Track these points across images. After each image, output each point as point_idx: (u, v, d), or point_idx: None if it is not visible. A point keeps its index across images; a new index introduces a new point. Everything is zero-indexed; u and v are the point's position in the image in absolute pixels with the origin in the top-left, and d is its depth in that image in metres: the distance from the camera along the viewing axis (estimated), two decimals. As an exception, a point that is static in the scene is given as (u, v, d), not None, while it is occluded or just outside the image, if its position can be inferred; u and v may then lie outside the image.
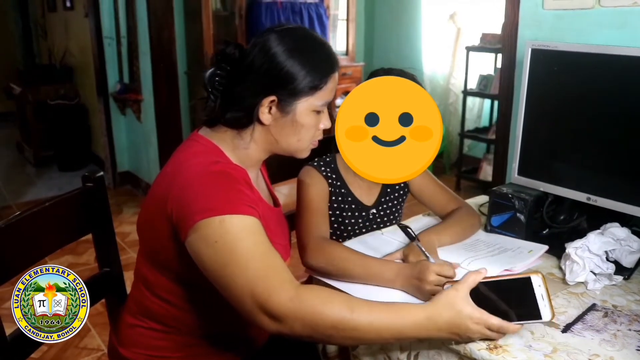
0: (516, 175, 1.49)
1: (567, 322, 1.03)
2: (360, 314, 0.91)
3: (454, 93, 4.66)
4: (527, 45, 1.41)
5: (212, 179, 1.00)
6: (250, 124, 1.11)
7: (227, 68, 1.10)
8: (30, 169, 5.07)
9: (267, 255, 0.96)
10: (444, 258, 1.26)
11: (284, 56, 1.06)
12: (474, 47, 4.18)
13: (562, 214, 1.43)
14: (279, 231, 1.22)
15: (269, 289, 0.91)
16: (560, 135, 1.41)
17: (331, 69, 1.11)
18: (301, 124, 1.11)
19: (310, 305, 0.91)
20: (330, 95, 1.13)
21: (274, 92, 1.07)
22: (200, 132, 1.15)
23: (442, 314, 0.93)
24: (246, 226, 0.96)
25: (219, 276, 0.96)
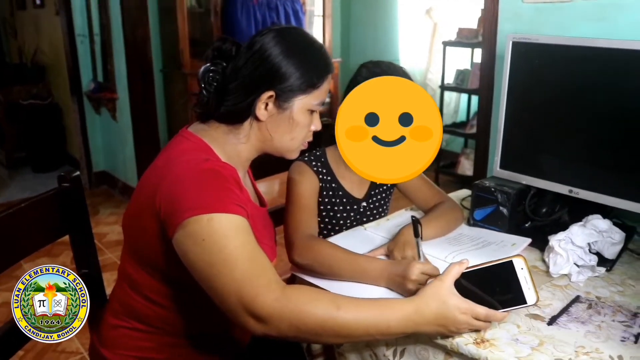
0: (498, 169, 1.49)
1: (552, 314, 1.04)
2: (346, 312, 0.91)
3: (431, 88, 4.68)
4: (507, 39, 1.42)
5: (202, 177, 0.99)
6: (245, 119, 1.11)
7: (223, 64, 1.11)
8: (3, 170, 4.95)
9: (253, 255, 0.95)
10: (428, 252, 1.26)
11: (282, 56, 1.07)
12: (451, 42, 4.20)
13: (544, 207, 1.44)
14: (266, 232, 1.21)
15: (255, 290, 0.90)
16: (542, 128, 1.41)
17: (327, 70, 1.13)
18: (297, 122, 1.12)
19: (296, 305, 0.91)
20: (324, 95, 1.14)
21: (272, 87, 1.08)
22: (190, 129, 1.14)
23: (429, 306, 0.93)
24: (234, 226, 0.95)
25: (205, 275, 0.94)
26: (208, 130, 1.13)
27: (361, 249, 1.30)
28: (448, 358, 1.01)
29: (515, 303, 0.95)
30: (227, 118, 1.11)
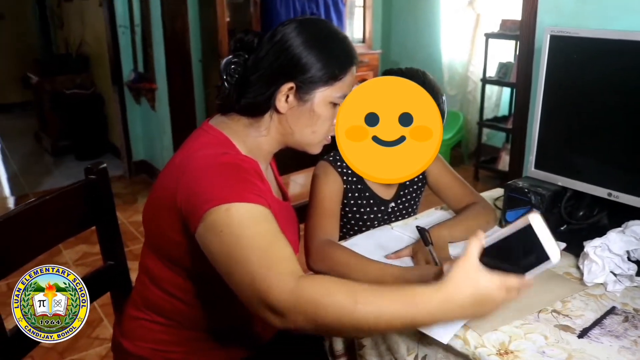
0: (533, 169, 1.42)
1: (583, 326, 0.98)
2: (365, 306, 0.82)
3: (472, 81, 4.57)
4: (545, 32, 1.35)
5: (220, 170, 0.98)
6: (266, 111, 1.09)
7: (245, 56, 1.09)
8: (48, 158, 5.10)
9: (271, 244, 0.90)
10: (456, 254, 1.21)
11: (303, 47, 1.05)
12: (494, 33, 4.09)
13: (581, 210, 1.37)
14: (289, 226, 1.19)
15: (269, 282, 0.85)
16: (580, 127, 1.34)
17: (350, 62, 1.10)
18: (318, 115, 1.09)
19: (311, 298, 0.83)
20: (348, 89, 1.11)
21: (292, 79, 1.06)
22: (211, 122, 1.13)
23: (462, 291, 0.82)
24: (252, 215, 0.93)
25: (224, 267, 0.91)
26: (229, 123, 1.12)
27: (386, 248, 1.27)
28: (470, 368, 0.97)
29: (539, 263, 0.85)
30: (248, 110, 1.10)
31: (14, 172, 4.76)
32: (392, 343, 1.11)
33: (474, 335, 0.96)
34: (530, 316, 1.01)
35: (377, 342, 1.17)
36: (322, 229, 1.29)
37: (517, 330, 0.97)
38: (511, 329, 0.97)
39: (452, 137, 4.56)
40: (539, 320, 1.00)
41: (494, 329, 0.97)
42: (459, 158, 4.73)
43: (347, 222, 1.45)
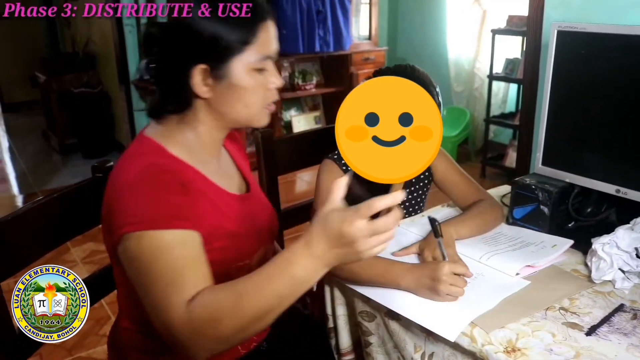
0: (540, 165, 1.41)
1: (591, 323, 0.97)
2: (249, 297, 0.83)
3: (479, 77, 4.54)
4: (552, 27, 1.33)
5: (139, 189, 0.93)
6: (189, 102, 1.02)
7: (154, 50, 1.02)
8: (56, 156, 5.12)
9: (177, 274, 0.88)
10: (463, 251, 1.21)
11: (199, 19, 0.96)
12: (500, 30, 4.06)
13: (589, 207, 1.36)
14: (246, 219, 1.10)
15: (167, 313, 0.86)
16: (587, 123, 1.33)
17: (259, 18, 1.00)
18: (242, 87, 1.00)
19: (204, 319, 0.85)
20: (268, 48, 1.02)
21: (202, 59, 0.97)
22: (146, 131, 1.06)
23: (312, 231, 0.83)
24: (164, 243, 0.90)
25: (137, 292, 0.93)
26: (159, 128, 1.05)
27: (393, 246, 1.27)
28: (477, 365, 0.97)
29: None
30: (172, 107, 1.03)
31: (22, 170, 4.79)
32: (400, 341, 1.11)
33: (481, 332, 0.95)
34: (537, 313, 1.01)
35: (384, 340, 1.17)
36: None
37: (524, 328, 0.96)
38: (518, 327, 0.97)
39: (458, 134, 4.55)
40: (547, 317, 1.00)
41: (501, 327, 0.96)
42: (465, 155, 4.71)
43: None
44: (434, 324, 0.99)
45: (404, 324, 1.10)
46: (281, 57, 4.43)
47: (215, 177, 1.07)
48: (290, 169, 1.66)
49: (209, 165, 1.07)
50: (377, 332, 1.18)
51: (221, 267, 0.99)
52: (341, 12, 4.53)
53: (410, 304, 1.05)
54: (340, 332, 1.28)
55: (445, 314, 1.01)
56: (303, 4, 4.32)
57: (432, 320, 1.00)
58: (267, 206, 1.23)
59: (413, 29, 5.31)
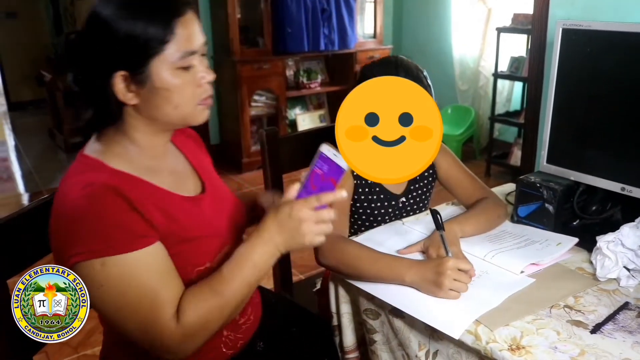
0: (545, 163, 1.41)
1: (596, 321, 0.97)
2: (228, 291, 0.95)
3: (484, 76, 4.53)
4: (557, 25, 1.33)
5: (85, 213, 0.89)
6: (119, 112, 0.97)
7: (75, 61, 0.96)
8: (62, 155, 5.14)
9: (157, 289, 0.92)
10: (467, 249, 1.21)
11: (116, 17, 0.91)
12: (505, 28, 4.05)
13: (594, 205, 1.36)
14: (202, 221, 1.06)
15: (160, 328, 0.92)
16: (592, 121, 1.33)
17: (175, 13, 0.94)
18: (166, 89, 0.95)
19: (196, 326, 0.94)
20: (189, 43, 0.95)
21: (120, 64, 0.92)
22: (85, 149, 1.01)
23: (269, 225, 0.96)
24: (131, 266, 0.90)
25: (111, 318, 0.95)
26: (96, 143, 1.00)
27: (398, 244, 1.27)
28: (481, 363, 0.97)
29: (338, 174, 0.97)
30: (102, 120, 0.99)
31: (28, 169, 4.81)
32: (404, 338, 1.11)
33: (485, 330, 0.95)
34: (542, 311, 1.01)
35: (388, 338, 1.17)
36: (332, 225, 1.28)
37: (528, 326, 0.96)
38: (523, 324, 0.97)
39: (463, 133, 4.54)
40: (551, 315, 0.99)
41: (505, 324, 0.96)
42: (470, 153, 4.70)
43: (358, 217, 1.45)
44: (438, 321, 0.99)
45: (409, 321, 1.10)
46: (286, 56, 4.44)
47: (163, 181, 1.03)
48: (294, 167, 1.66)
49: (154, 170, 1.03)
50: (382, 329, 1.18)
51: (180, 272, 0.98)
52: (346, 11, 4.52)
53: (415, 302, 1.05)
54: (345, 330, 1.28)
55: (449, 312, 1.01)
56: (308, 3, 4.32)
57: (436, 318, 1.00)
58: (230, 203, 1.18)
59: (418, 27, 5.30)
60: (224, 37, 4.12)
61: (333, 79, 4.95)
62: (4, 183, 4.59)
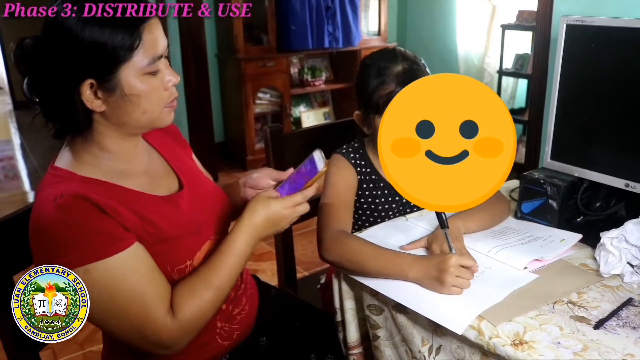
0: (549, 160, 1.41)
1: (599, 317, 0.97)
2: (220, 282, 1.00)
3: (488, 73, 4.52)
4: (562, 21, 1.33)
5: (59, 225, 0.90)
6: (87, 121, 0.95)
7: (34, 68, 0.93)
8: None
9: (146, 289, 0.94)
10: (471, 245, 1.21)
11: (79, 25, 0.89)
12: (510, 25, 4.04)
13: (597, 201, 1.36)
14: (179, 220, 1.06)
15: (155, 326, 0.94)
16: (597, 117, 1.32)
17: (141, 19, 0.92)
18: (136, 95, 0.94)
19: (193, 319, 0.97)
20: (155, 49, 0.94)
21: (87, 73, 0.91)
22: (56, 161, 1.00)
23: (257, 219, 1.03)
24: (116, 269, 0.91)
25: (101, 322, 0.96)
26: (65, 154, 1.00)
27: (401, 240, 1.27)
28: (484, 358, 0.97)
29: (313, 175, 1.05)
30: (69, 129, 0.97)
31: (33, 167, 4.83)
32: (407, 334, 1.11)
33: (488, 325, 0.95)
34: (545, 307, 1.01)
35: (392, 333, 1.17)
36: (336, 220, 1.28)
37: (532, 321, 0.96)
38: (526, 320, 0.97)
39: (468, 130, 4.53)
40: (554, 311, 1.00)
41: (508, 320, 0.97)
42: (475, 151, 4.70)
43: (362, 214, 1.45)
44: (441, 317, 0.99)
45: (412, 317, 1.10)
46: (290, 53, 4.44)
47: (135, 183, 1.02)
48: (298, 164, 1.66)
49: (126, 174, 1.02)
50: (385, 325, 1.18)
51: None
52: (350, 8, 4.52)
53: (418, 298, 1.05)
54: (348, 326, 1.28)
55: (453, 307, 1.01)
56: (312, 0, 4.32)
57: (439, 313, 1.00)
58: (211, 196, 1.17)
59: (422, 24, 5.29)
60: (228, 34, 4.12)
61: (337, 77, 4.95)
62: (10, 181, 4.62)
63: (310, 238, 3.06)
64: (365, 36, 4.83)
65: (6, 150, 5.58)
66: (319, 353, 1.26)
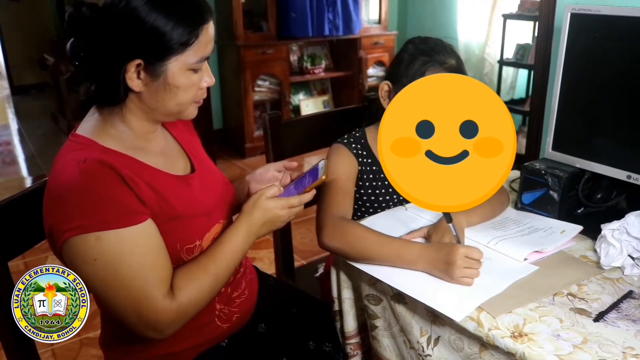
0: (550, 150, 1.40)
1: (600, 309, 0.96)
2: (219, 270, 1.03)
3: (489, 63, 4.50)
4: (566, 10, 1.31)
5: (80, 187, 0.90)
6: (121, 95, 0.98)
7: (87, 34, 0.95)
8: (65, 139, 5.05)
9: (150, 266, 0.95)
10: (470, 236, 1.20)
11: (145, 9, 0.92)
12: (512, 14, 4.02)
13: (599, 193, 1.35)
14: (192, 200, 1.08)
15: (154, 304, 0.94)
16: (599, 108, 1.31)
17: (202, 20, 0.97)
18: (176, 86, 0.99)
19: (190, 303, 0.98)
20: (206, 49, 1.00)
21: (139, 54, 0.94)
22: (77, 129, 1.02)
23: (255, 218, 1.06)
24: (126, 241, 0.92)
25: (100, 293, 0.95)
26: (88, 123, 1.02)
27: (400, 230, 1.26)
28: (483, 350, 0.96)
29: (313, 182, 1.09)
30: (102, 99, 1.00)
31: (30, 152, 4.81)
32: (406, 324, 1.11)
33: (487, 317, 0.95)
34: (545, 299, 1.00)
35: (390, 323, 1.17)
36: (337, 206, 1.26)
37: (531, 313, 0.96)
38: (526, 312, 0.96)
39: (468, 120, 4.51)
40: (554, 303, 0.99)
41: (508, 311, 0.96)
42: (474, 141, 4.68)
43: (362, 204, 1.44)
44: (440, 305, 0.98)
45: (411, 307, 1.09)
46: (290, 41, 4.41)
47: (153, 160, 1.04)
48: (297, 152, 1.65)
49: (144, 150, 1.05)
50: (383, 315, 1.18)
51: (169, 250, 1.00)
52: (351, -4, 4.48)
53: (417, 285, 1.04)
54: (346, 316, 1.28)
55: (452, 296, 1.00)
56: (312, -12, 4.28)
57: (438, 301, 0.99)
58: (220, 183, 1.20)
59: (423, 13, 5.25)
60: (228, 21, 4.09)
61: (337, 65, 4.92)
62: (7, 166, 4.60)
63: (308, 226, 3.05)
64: (365, 24, 4.80)
65: (3, 136, 5.55)
66: (317, 341, 1.25)
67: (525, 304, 0.98)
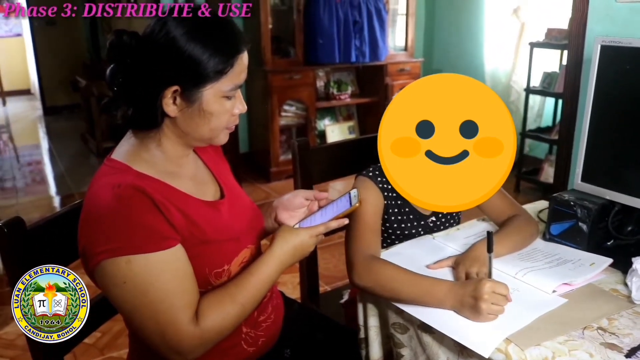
0: (579, 182, 1.39)
1: (631, 345, 0.95)
2: (245, 299, 1.04)
3: (515, 91, 4.49)
4: (596, 42, 1.32)
5: (113, 212, 0.93)
6: (157, 119, 1.01)
7: (127, 61, 0.99)
8: (94, 159, 5.24)
9: (177, 292, 0.96)
10: (498, 267, 1.19)
11: (184, 39, 0.97)
12: (538, 43, 4.01)
13: (629, 225, 1.33)
14: (221, 225, 1.11)
15: (178, 330, 0.95)
16: (630, 140, 1.30)
17: (237, 50, 1.01)
18: (210, 113, 1.02)
19: (214, 330, 0.99)
20: (240, 78, 1.03)
21: (176, 81, 0.98)
22: (113, 154, 1.05)
23: (285, 249, 1.09)
24: (155, 265, 0.94)
25: (128, 314, 0.97)
26: (123, 147, 1.05)
27: (427, 259, 1.25)
28: (511, 383, 0.95)
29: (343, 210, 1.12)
30: (139, 123, 1.03)
31: (60, 172, 4.92)
32: (432, 354, 1.10)
33: (516, 349, 0.94)
34: (574, 332, 0.99)
35: (416, 353, 1.16)
36: (366, 244, 1.25)
37: (560, 347, 0.94)
38: (554, 345, 0.95)
39: (493, 147, 4.49)
40: (584, 337, 0.97)
41: (537, 344, 0.95)
42: (500, 168, 4.65)
43: (387, 237, 1.42)
44: (468, 339, 0.98)
45: (438, 337, 1.09)
46: (317, 67, 4.46)
47: (184, 185, 1.07)
48: (324, 178, 1.67)
49: (176, 175, 1.07)
50: (410, 344, 1.17)
51: (198, 274, 1.02)
52: (378, 23, 4.53)
53: (444, 318, 1.04)
54: (372, 343, 1.27)
55: (479, 329, 1.00)
56: (340, 14, 4.34)
57: (466, 335, 0.99)
58: (248, 208, 1.22)
59: (450, 40, 5.28)
60: (256, 46, 4.16)
61: (363, 91, 4.96)
62: (37, 185, 4.70)
63: (332, 252, 3.05)
64: (392, 51, 4.83)
65: (35, 155, 5.69)
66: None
67: (554, 337, 0.97)
